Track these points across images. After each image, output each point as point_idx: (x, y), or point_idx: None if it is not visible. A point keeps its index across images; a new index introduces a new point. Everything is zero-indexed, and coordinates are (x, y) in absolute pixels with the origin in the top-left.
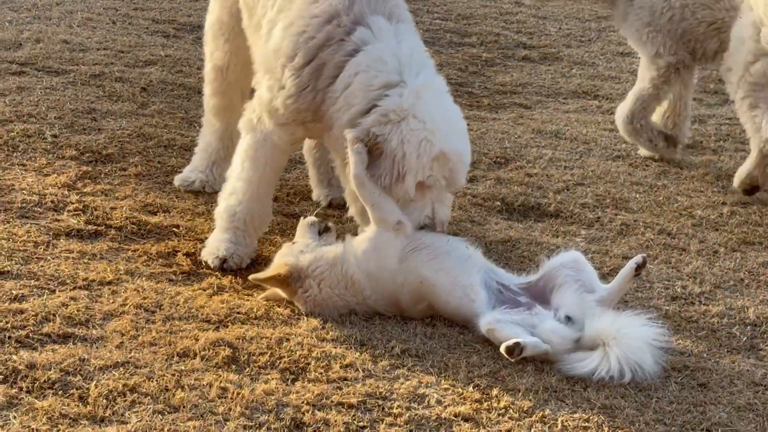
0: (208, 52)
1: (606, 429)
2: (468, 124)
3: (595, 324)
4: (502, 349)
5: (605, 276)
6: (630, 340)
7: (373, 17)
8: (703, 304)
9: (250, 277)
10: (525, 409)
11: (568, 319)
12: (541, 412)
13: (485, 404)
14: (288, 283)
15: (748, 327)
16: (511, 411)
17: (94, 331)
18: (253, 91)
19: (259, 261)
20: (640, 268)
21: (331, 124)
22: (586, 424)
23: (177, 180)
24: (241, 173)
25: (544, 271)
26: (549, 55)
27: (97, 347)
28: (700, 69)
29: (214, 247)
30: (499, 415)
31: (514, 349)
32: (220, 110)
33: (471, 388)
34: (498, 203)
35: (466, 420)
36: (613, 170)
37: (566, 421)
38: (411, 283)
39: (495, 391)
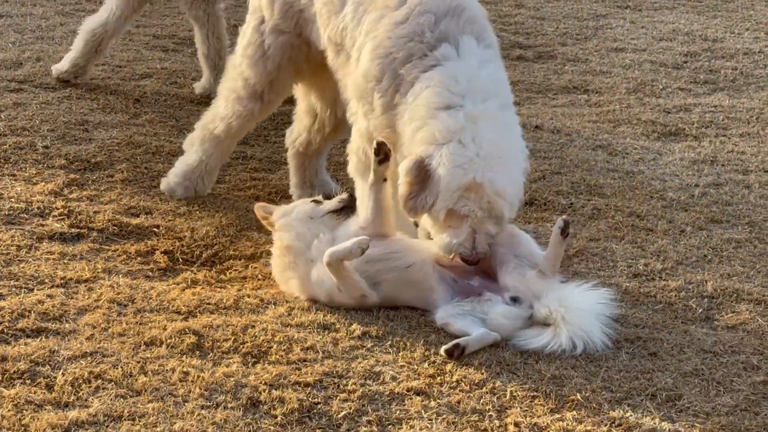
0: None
1: (553, 397)
2: None
3: (544, 303)
4: (441, 352)
5: (570, 257)
6: (578, 314)
7: (464, 37)
8: (663, 280)
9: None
10: (476, 381)
11: (515, 300)
12: (492, 384)
13: (438, 379)
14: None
15: (705, 299)
16: (462, 384)
17: (66, 325)
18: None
19: (239, 257)
20: (564, 230)
21: (402, 141)
22: (535, 393)
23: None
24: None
25: None
26: (544, 53)
27: (68, 340)
28: (691, 61)
29: None
30: (450, 388)
31: (453, 351)
32: None
33: (426, 365)
34: None
35: (418, 394)
36: (591, 159)
37: (515, 391)
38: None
39: (449, 367)
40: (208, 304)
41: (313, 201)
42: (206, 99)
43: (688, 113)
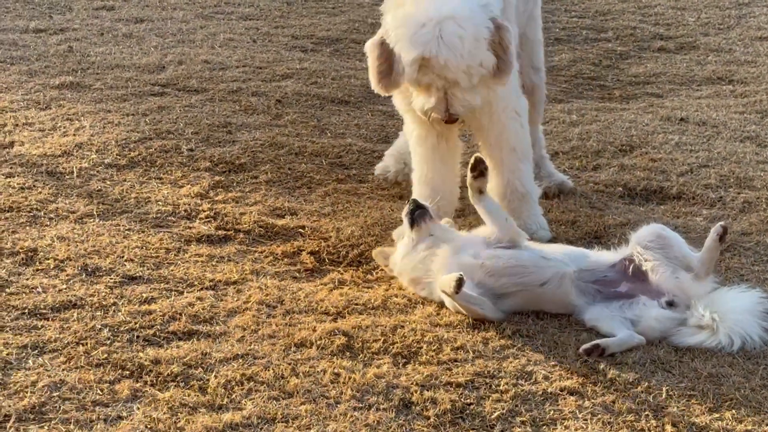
0: None
1: (711, 396)
2: (596, 116)
3: (698, 308)
4: (580, 351)
5: (722, 252)
6: (733, 315)
7: None
8: None
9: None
10: (631, 380)
11: (670, 304)
12: (647, 383)
13: (591, 378)
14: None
15: None
16: (617, 383)
17: (217, 327)
18: None
19: None
20: (722, 237)
21: None
22: (692, 392)
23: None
24: None
25: (631, 250)
26: (685, 44)
27: (219, 342)
28: None
29: None
30: (604, 387)
31: (592, 351)
32: None
33: (579, 364)
34: (620, 189)
35: (571, 393)
36: (740, 151)
37: (671, 390)
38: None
39: (602, 366)
40: (356, 304)
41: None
42: (346, 99)
43: None
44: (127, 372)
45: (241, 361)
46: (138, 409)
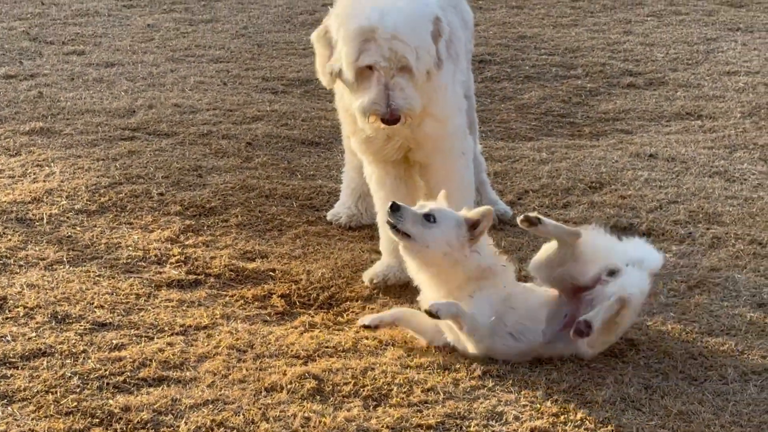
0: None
1: None
2: (566, 153)
3: None
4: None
5: (691, 288)
6: None
7: None
8: None
9: None
10: (601, 419)
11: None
12: (617, 422)
13: (562, 417)
14: None
15: None
16: (587, 422)
17: (187, 373)
18: None
19: (356, 298)
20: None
21: None
22: (662, 430)
23: (328, 215)
24: None
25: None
26: (654, 80)
27: (189, 388)
28: None
29: None
30: (575, 426)
31: (581, 330)
32: None
33: (549, 403)
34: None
35: None
36: (708, 186)
37: (641, 428)
38: None
39: (573, 405)
40: (327, 347)
41: None
42: (317, 140)
43: None
44: (97, 420)
45: (211, 406)
46: None
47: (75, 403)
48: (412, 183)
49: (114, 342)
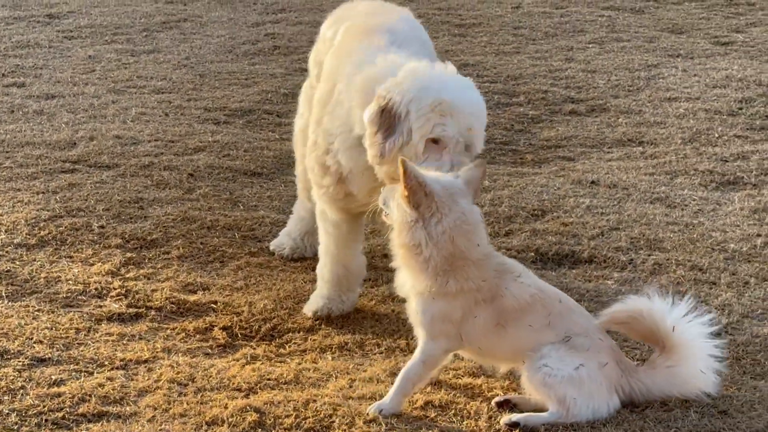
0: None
1: None
2: (508, 181)
3: None
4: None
5: None
6: None
7: None
8: (729, 335)
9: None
10: None
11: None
12: None
13: None
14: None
15: None
16: None
17: (127, 408)
18: None
19: (298, 330)
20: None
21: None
22: None
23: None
24: None
25: None
26: (596, 107)
27: (129, 423)
28: (746, 107)
29: None
30: None
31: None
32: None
33: None
34: (532, 254)
35: None
36: (650, 213)
37: None
38: None
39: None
40: (269, 379)
41: None
42: (259, 171)
43: (746, 161)
44: None
45: None
46: None
47: None
48: (360, 226)
49: (53, 377)
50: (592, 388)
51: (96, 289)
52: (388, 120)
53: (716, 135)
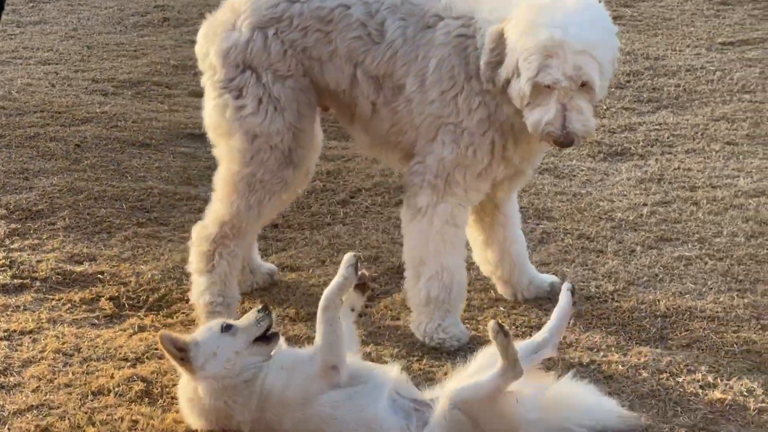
0: None
1: None
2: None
3: None
4: None
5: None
6: None
7: None
8: (615, 301)
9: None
10: None
11: None
12: None
13: None
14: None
15: (659, 319)
16: None
17: (11, 378)
18: None
19: (186, 299)
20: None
21: None
22: None
23: None
24: None
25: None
26: None
27: (13, 393)
28: (634, 80)
29: None
30: None
31: None
32: None
33: None
34: None
35: None
36: (538, 183)
37: None
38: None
39: None
40: (156, 349)
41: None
42: (147, 142)
43: (633, 132)
44: None
45: (35, 412)
46: None
47: None
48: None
49: None
50: None
51: None
52: (501, 44)
53: (604, 107)
